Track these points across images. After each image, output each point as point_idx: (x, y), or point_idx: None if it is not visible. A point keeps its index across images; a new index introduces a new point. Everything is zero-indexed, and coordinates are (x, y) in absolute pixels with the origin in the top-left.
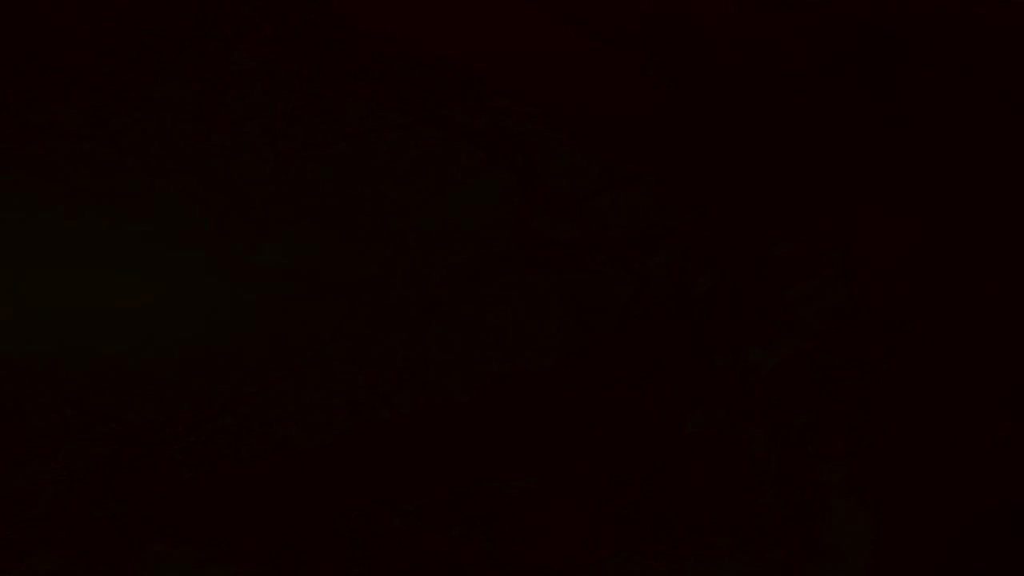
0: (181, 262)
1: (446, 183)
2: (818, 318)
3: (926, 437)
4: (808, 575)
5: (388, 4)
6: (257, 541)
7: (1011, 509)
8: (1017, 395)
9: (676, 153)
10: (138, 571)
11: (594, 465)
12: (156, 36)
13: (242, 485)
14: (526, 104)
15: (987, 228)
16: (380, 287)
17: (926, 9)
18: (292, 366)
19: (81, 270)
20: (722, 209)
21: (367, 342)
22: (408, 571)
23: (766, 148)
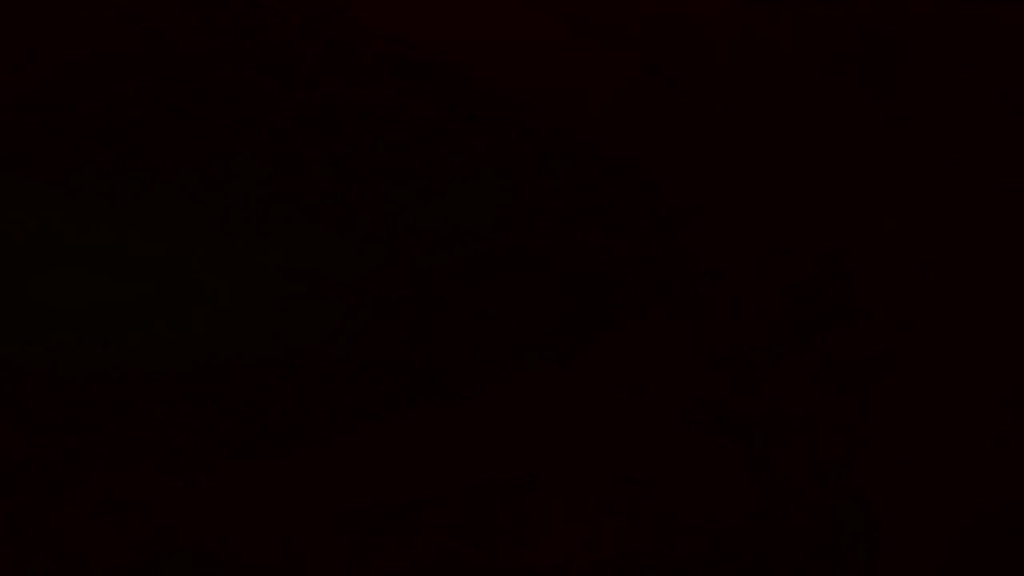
0: (181, 255)
1: (443, 179)
2: (818, 318)
3: (926, 437)
4: (809, 574)
5: (391, 3)
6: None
7: (1011, 509)
8: (1017, 395)
9: (675, 152)
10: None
11: (595, 463)
12: (158, 34)
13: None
14: (527, 104)
15: (987, 227)
16: (385, 292)
17: (926, 9)
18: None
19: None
20: (721, 208)
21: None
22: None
23: (766, 147)
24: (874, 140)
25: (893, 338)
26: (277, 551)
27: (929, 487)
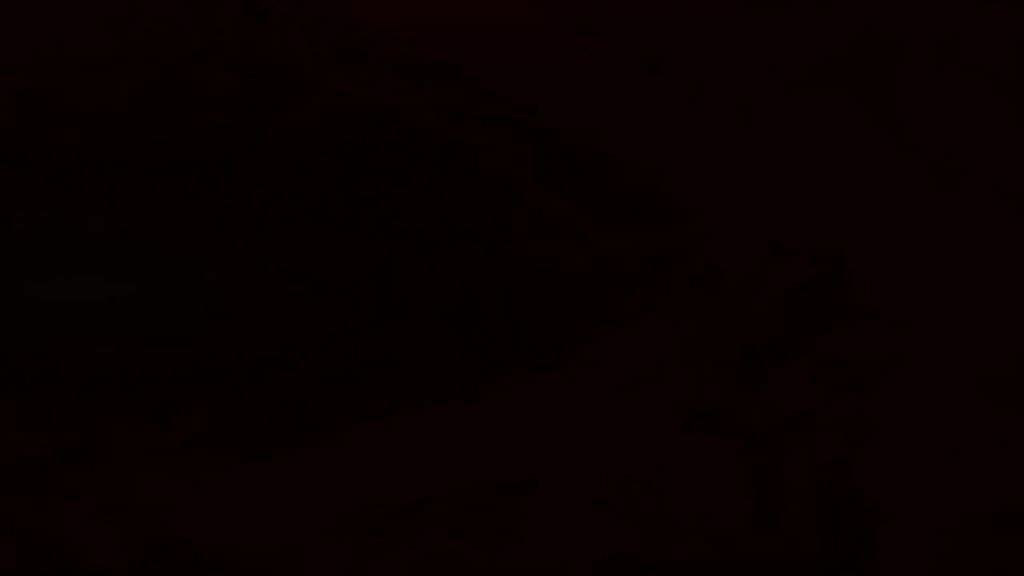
0: (181, 255)
1: (444, 179)
2: (818, 318)
3: (926, 437)
4: (809, 574)
5: (392, 3)
6: None
7: (1011, 509)
8: (1018, 395)
9: (675, 152)
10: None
11: (595, 463)
12: (158, 34)
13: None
14: (528, 104)
15: (987, 227)
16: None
17: (926, 9)
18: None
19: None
20: (721, 208)
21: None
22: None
23: (765, 147)
24: (874, 140)
25: (893, 338)
26: (277, 551)
27: (929, 487)
